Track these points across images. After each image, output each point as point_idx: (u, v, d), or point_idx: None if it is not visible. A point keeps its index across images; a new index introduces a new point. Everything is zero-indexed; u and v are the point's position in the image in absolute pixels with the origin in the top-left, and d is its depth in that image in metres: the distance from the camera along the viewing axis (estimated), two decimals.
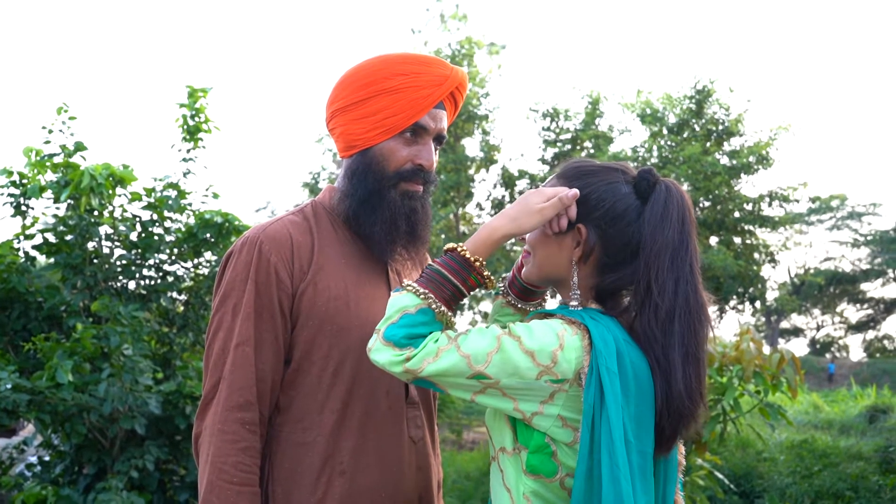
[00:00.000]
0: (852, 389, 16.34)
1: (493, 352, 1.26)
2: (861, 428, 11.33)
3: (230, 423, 1.39)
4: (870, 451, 8.57)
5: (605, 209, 1.37)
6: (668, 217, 1.35)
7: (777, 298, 23.57)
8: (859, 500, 7.35)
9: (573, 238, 1.39)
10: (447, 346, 1.26)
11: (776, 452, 8.76)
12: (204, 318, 5.40)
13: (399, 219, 1.53)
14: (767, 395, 3.92)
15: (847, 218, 34.01)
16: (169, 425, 4.93)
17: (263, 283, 1.45)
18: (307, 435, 1.46)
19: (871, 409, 11.85)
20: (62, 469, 4.85)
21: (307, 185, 19.08)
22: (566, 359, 1.27)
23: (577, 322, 1.32)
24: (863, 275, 34.94)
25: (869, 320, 37.65)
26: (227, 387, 1.41)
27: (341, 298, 1.50)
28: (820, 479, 7.78)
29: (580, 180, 1.40)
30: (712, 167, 16.31)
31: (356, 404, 1.48)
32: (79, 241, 4.79)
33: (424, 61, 1.56)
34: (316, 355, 1.47)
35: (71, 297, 4.74)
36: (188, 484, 4.98)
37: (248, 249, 1.48)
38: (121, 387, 4.37)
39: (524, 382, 1.27)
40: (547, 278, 1.45)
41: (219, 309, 1.48)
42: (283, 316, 1.46)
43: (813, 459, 8.47)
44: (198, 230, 5.09)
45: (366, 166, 1.54)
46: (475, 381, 1.27)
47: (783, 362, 3.87)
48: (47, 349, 4.22)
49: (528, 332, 1.29)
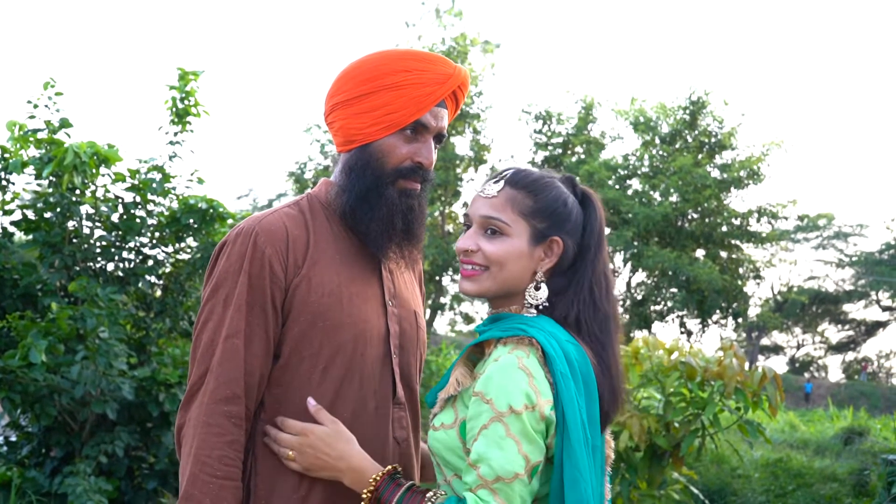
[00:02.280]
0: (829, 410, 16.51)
1: (519, 447, 1.29)
2: (836, 449, 11.43)
3: (216, 416, 1.39)
4: (844, 474, 8.66)
5: (573, 220, 1.44)
6: (601, 224, 1.48)
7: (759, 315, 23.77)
8: None
9: (544, 251, 1.43)
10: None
11: (751, 469, 8.84)
12: (182, 305, 5.38)
13: (396, 216, 1.53)
14: (748, 413, 3.97)
15: (833, 238, 34.31)
16: (141, 412, 4.90)
17: (257, 276, 1.45)
18: None
19: (847, 431, 11.96)
20: (29, 451, 4.81)
21: (293, 174, 19.03)
22: (542, 390, 1.32)
23: (524, 339, 1.36)
24: (846, 295, 35.28)
25: (849, 342, 38.04)
26: (215, 379, 1.41)
27: (335, 295, 1.50)
28: (793, 499, 7.88)
29: (541, 192, 1.43)
30: (703, 179, 16.46)
31: (344, 403, 1.48)
32: (59, 220, 4.75)
33: (428, 58, 1.57)
34: (306, 352, 1.47)
35: (48, 276, 4.70)
36: (157, 472, 4.96)
37: (243, 240, 1.47)
38: (94, 370, 4.34)
39: (542, 423, 1.33)
40: (504, 291, 1.45)
41: (209, 299, 1.47)
42: (274, 310, 1.46)
43: (787, 479, 8.56)
44: (181, 215, 5.07)
45: (364, 162, 1.55)
46: (537, 474, 1.32)
47: (765, 380, 3.93)
48: (21, 328, 4.19)
49: (508, 409, 1.31)
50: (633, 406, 4.20)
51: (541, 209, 1.41)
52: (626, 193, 17.26)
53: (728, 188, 17.16)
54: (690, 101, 17.65)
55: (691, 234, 17.22)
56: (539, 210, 1.41)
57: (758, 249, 18.68)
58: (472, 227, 1.44)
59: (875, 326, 36.58)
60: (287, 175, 18.96)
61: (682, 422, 4.06)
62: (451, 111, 1.62)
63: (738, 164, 17.09)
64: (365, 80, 1.54)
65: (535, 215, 1.41)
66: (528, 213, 1.41)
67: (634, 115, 18.08)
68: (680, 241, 17.24)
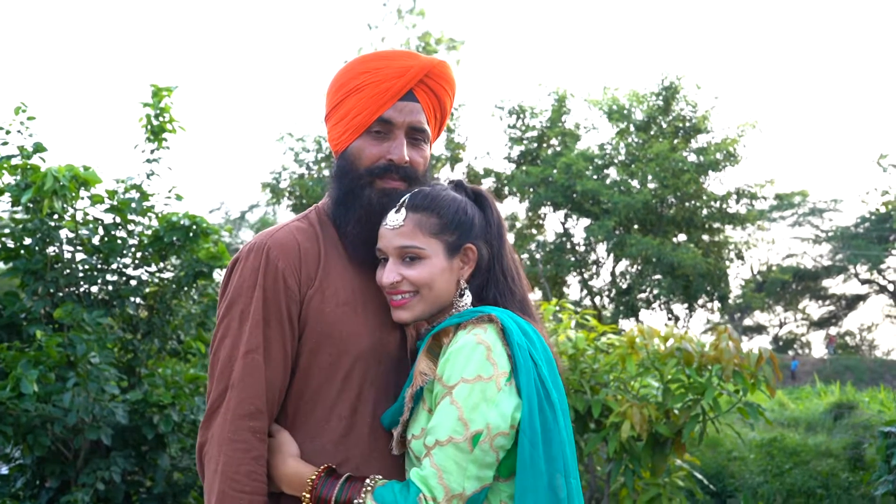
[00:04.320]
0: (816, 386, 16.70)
1: (460, 413, 1.35)
2: (827, 425, 11.57)
3: (241, 432, 1.40)
4: (839, 449, 8.78)
5: (476, 223, 1.53)
6: (499, 217, 1.59)
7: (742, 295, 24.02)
8: (830, 497, 7.55)
9: (461, 260, 1.51)
10: (434, 450, 1.35)
11: (746, 451, 8.94)
12: (169, 324, 5.34)
13: (374, 217, 1.53)
14: (746, 395, 4.01)
15: (809, 214, 34.66)
16: (135, 435, 4.87)
17: (271, 290, 1.46)
18: (315, 443, 1.47)
19: (836, 406, 12.12)
20: (23, 483, 4.76)
21: (267, 184, 18.93)
22: (498, 362, 1.39)
23: (483, 317, 1.44)
24: (824, 271, 35.68)
25: (831, 317, 38.53)
26: (237, 395, 1.41)
27: (349, 304, 1.51)
28: (791, 478, 7.98)
29: (442, 208, 1.50)
30: (680, 164, 16.58)
31: (365, 410, 1.50)
32: (39, 246, 4.70)
33: (387, 56, 1.58)
34: (324, 362, 1.48)
35: (31, 304, 4.65)
36: (155, 496, 4.93)
37: (256, 256, 1.48)
38: (86, 396, 4.31)
39: (497, 394, 1.38)
40: (437, 308, 1.52)
41: (225, 316, 1.48)
42: (290, 323, 1.47)
43: (783, 458, 8.67)
44: (164, 233, 5.03)
45: (341, 168, 1.58)
46: (479, 442, 1.35)
47: (761, 361, 3.97)
48: (10, 359, 4.14)
49: (469, 376, 1.37)
50: (633, 395, 4.23)
51: (447, 224, 1.49)
52: (605, 183, 17.35)
53: (705, 171, 17.31)
54: (663, 87, 17.77)
55: (672, 219, 17.35)
56: (445, 225, 1.49)
57: (737, 231, 18.87)
58: (390, 259, 1.50)
59: (855, 300, 37.06)
60: (262, 185, 18.86)
61: (682, 408, 4.09)
62: (429, 104, 1.61)
63: (713, 147, 17.24)
64: (335, 91, 1.59)
65: (444, 231, 1.49)
66: (437, 231, 1.48)
67: (608, 104, 18.17)
68: (661, 228, 17.37)
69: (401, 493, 1.35)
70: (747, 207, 18.03)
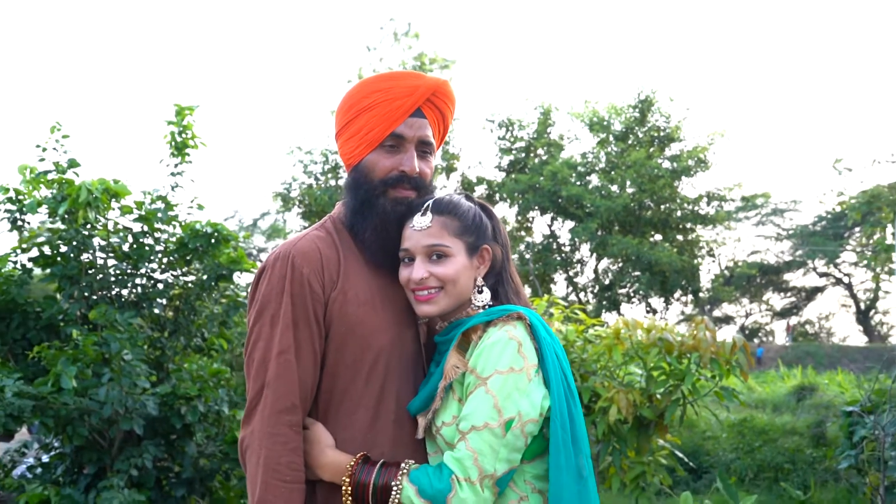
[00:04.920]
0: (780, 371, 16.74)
1: (495, 401, 1.36)
2: (791, 406, 11.60)
3: (279, 426, 1.40)
4: (803, 427, 8.79)
5: (489, 228, 1.56)
6: (502, 226, 1.62)
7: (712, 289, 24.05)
8: (796, 471, 7.57)
9: (478, 260, 1.54)
10: (470, 433, 1.37)
11: (719, 431, 8.95)
12: (194, 323, 5.34)
13: (389, 224, 1.54)
14: (722, 380, 4.02)
15: (771, 214, 34.72)
16: (165, 425, 4.85)
17: (298, 294, 1.46)
18: (345, 433, 1.47)
19: (799, 389, 12.15)
20: (63, 470, 4.74)
21: (279, 194, 18.88)
22: (528, 355, 1.42)
23: (512, 315, 1.46)
24: (786, 266, 35.77)
25: (792, 307, 38.64)
26: (273, 392, 1.42)
27: (369, 304, 1.51)
28: (761, 454, 7.99)
29: (462, 212, 1.53)
30: (656, 171, 16.61)
31: (388, 400, 1.50)
32: (74, 253, 4.69)
33: (396, 76, 1.58)
34: (349, 358, 1.48)
35: (68, 306, 4.64)
36: (184, 480, 4.91)
37: (282, 264, 1.48)
38: (120, 390, 4.30)
39: (528, 384, 1.40)
40: (458, 303, 1.53)
41: (256, 321, 1.48)
42: (317, 323, 1.47)
43: (753, 436, 8.67)
44: (189, 240, 5.02)
45: (356, 180, 1.57)
46: (512, 428, 1.36)
47: (735, 349, 3.98)
48: (51, 357, 4.13)
49: (503, 366, 1.39)
50: (619, 382, 4.23)
51: (467, 226, 1.52)
52: (588, 189, 17.35)
53: (679, 177, 17.34)
54: (639, 100, 17.79)
55: (649, 221, 17.38)
56: (466, 228, 1.52)
57: (707, 230, 18.89)
58: (417, 258, 1.50)
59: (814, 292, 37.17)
60: (273, 195, 18.81)
61: (663, 393, 4.09)
62: (435, 120, 1.62)
63: (686, 154, 17.27)
64: (347, 110, 1.58)
65: (465, 232, 1.51)
66: (459, 232, 1.51)
67: (589, 116, 18.17)
68: (639, 229, 17.39)
69: (434, 474, 1.36)
70: (717, 209, 18.06)
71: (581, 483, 1.39)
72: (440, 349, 1.53)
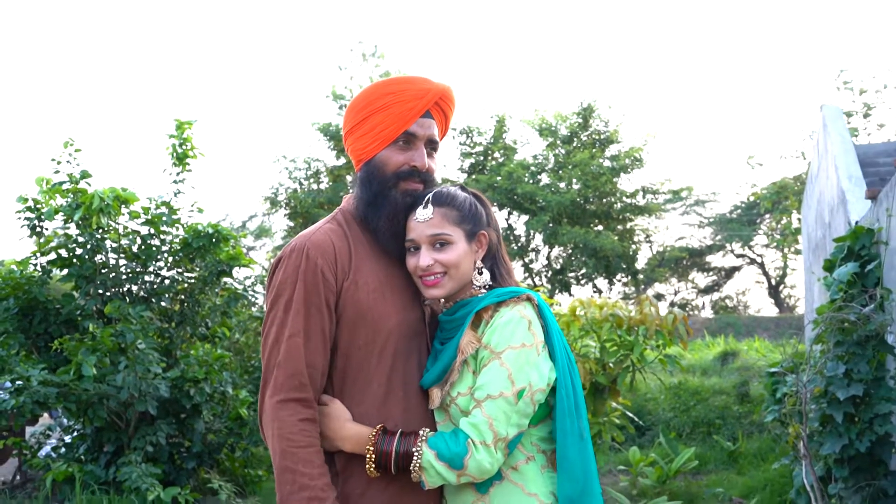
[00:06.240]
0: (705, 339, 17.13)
1: (509, 373, 1.36)
2: (717, 369, 11.85)
3: (287, 401, 1.38)
4: (729, 387, 8.96)
5: (483, 215, 1.54)
6: (494, 215, 1.60)
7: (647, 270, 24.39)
8: (726, 425, 7.74)
9: (476, 245, 1.52)
10: (486, 401, 1.36)
11: (658, 393, 9.08)
12: (198, 314, 5.26)
13: (400, 214, 1.51)
14: (665, 349, 4.09)
15: (694, 205, 35.25)
16: (175, 406, 4.79)
17: (311, 283, 1.42)
18: (360, 408, 1.45)
19: (723, 355, 12.40)
20: (85, 449, 4.65)
21: (268, 198, 18.63)
22: (537, 332, 1.42)
23: (521, 296, 1.45)
24: (708, 249, 36.43)
25: (714, 285, 39.44)
26: (283, 372, 1.39)
27: (378, 290, 1.48)
28: (695, 412, 8.15)
29: (459, 202, 1.50)
30: (598, 169, 16.79)
31: (398, 377, 1.48)
32: (89, 255, 4.59)
33: (408, 80, 1.56)
34: (361, 340, 1.46)
35: (85, 303, 4.54)
36: (194, 454, 4.86)
37: (297, 255, 1.45)
38: (135, 376, 4.22)
39: (537, 358, 1.39)
40: (461, 286, 1.51)
41: (272, 307, 1.45)
42: (329, 310, 1.44)
43: (687, 397, 8.81)
44: (192, 240, 4.95)
45: (370, 173, 1.53)
46: (523, 397, 1.36)
47: (676, 321, 4.05)
48: (72, 348, 4.04)
49: (517, 342, 1.39)
50: (576, 353, 4.28)
51: (465, 215, 1.50)
52: (539, 186, 17.44)
53: (618, 174, 17.52)
54: (582, 108, 17.90)
55: (594, 213, 17.56)
56: (464, 216, 1.49)
57: (643, 220, 19.17)
58: (421, 247, 1.48)
59: (732, 271, 37.96)
60: (263, 199, 18.57)
61: (615, 362, 4.15)
62: (440, 122, 1.59)
63: (623, 154, 17.45)
64: (361, 109, 1.54)
65: (463, 221, 1.49)
66: (458, 221, 1.49)
67: (538, 123, 18.25)
68: (585, 220, 17.56)
69: (451, 439, 1.36)
70: (650, 201, 18.32)
71: (582, 443, 1.41)
72: (443, 327, 1.52)
